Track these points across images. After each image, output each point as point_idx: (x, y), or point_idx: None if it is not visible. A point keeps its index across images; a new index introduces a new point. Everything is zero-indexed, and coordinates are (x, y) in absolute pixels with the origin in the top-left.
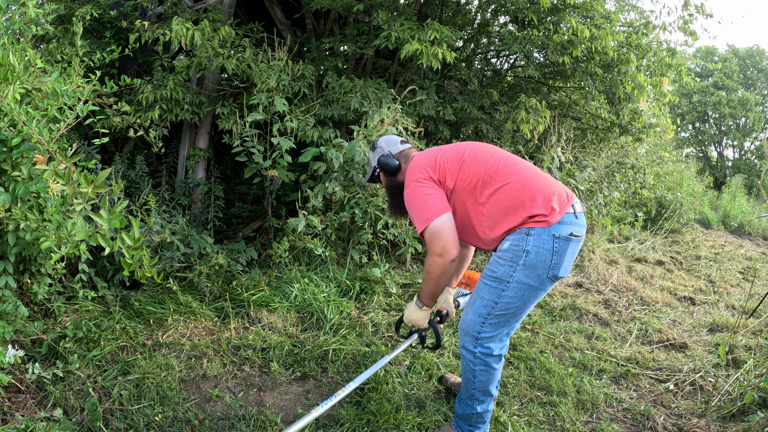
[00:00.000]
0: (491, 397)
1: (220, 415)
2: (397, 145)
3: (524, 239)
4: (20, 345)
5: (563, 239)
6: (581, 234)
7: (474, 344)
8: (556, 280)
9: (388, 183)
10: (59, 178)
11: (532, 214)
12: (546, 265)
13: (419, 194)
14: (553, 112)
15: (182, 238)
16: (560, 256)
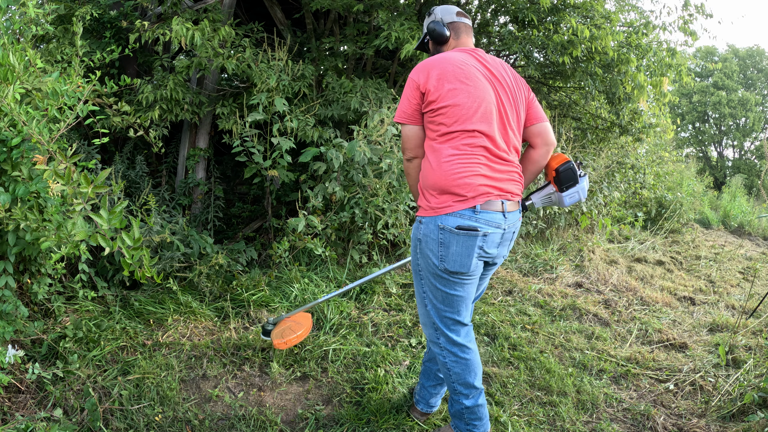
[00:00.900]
0: (476, 390)
1: (220, 415)
2: (453, 15)
3: (417, 227)
4: (20, 345)
5: (447, 231)
6: (482, 228)
7: (434, 336)
8: (455, 275)
9: (434, 53)
10: (59, 178)
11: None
12: (435, 256)
13: (405, 93)
14: (553, 112)
15: (182, 238)
16: (446, 248)
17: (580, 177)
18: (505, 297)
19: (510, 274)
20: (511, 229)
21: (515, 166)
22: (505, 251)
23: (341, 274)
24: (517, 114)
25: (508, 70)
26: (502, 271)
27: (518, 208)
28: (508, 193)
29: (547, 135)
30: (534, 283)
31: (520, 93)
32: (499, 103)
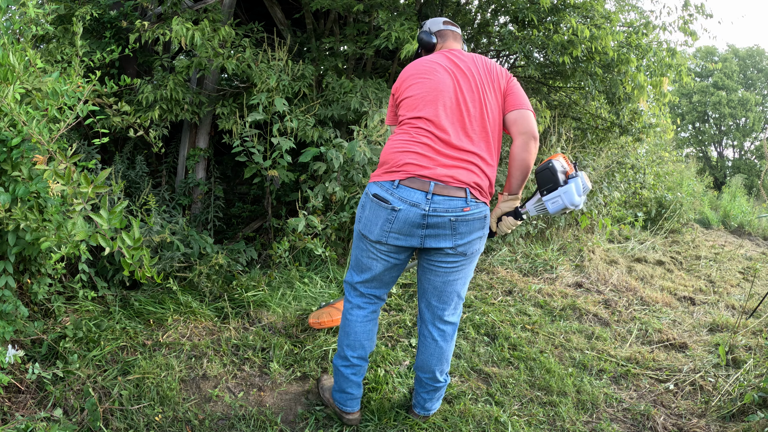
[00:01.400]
0: (343, 357)
1: (220, 415)
2: (440, 24)
3: (365, 192)
4: (20, 345)
5: (368, 196)
6: (392, 203)
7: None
8: (365, 239)
9: None
10: (59, 178)
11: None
12: (357, 217)
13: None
14: (553, 112)
15: (182, 238)
16: (363, 211)
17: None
18: (505, 297)
19: (510, 274)
20: (443, 216)
21: (473, 155)
22: (444, 242)
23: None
24: (482, 102)
25: (481, 62)
26: (502, 271)
27: (464, 197)
28: (448, 178)
29: (523, 122)
30: (534, 283)
31: (489, 82)
32: (458, 91)
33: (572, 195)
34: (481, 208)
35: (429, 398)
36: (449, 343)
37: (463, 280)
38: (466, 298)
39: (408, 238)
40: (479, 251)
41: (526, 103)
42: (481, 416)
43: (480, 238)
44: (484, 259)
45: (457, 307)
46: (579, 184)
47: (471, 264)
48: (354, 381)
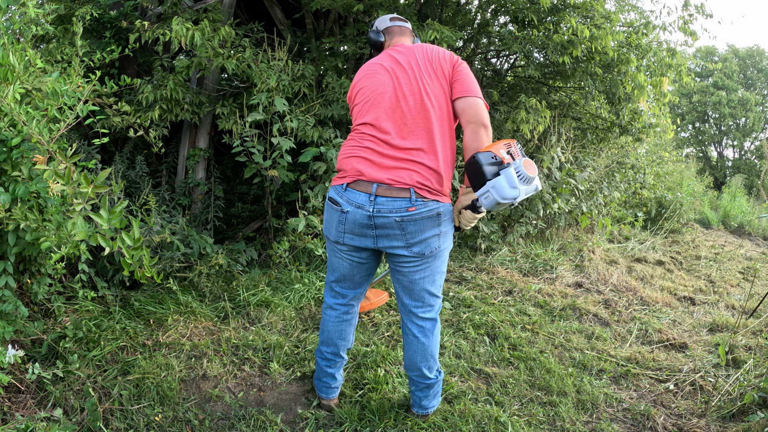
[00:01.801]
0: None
1: (220, 415)
2: (387, 21)
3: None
4: (20, 345)
5: (327, 200)
6: (341, 205)
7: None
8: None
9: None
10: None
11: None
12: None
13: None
14: (553, 112)
15: (182, 238)
16: (324, 212)
17: (501, 171)
18: (505, 297)
19: (510, 274)
20: (388, 216)
21: (415, 152)
22: (397, 243)
23: None
24: (421, 93)
25: (422, 51)
26: (502, 271)
27: (408, 197)
28: (391, 180)
29: (471, 111)
30: (534, 283)
31: (431, 70)
32: (396, 88)
33: (502, 188)
34: (431, 206)
35: (423, 396)
36: (430, 339)
37: (431, 278)
38: (466, 297)
39: (362, 238)
40: (442, 248)
41: (473, 90)
42: (481, 416)
43: (437, 236)
44: (484, 259)
45: (432, 304)
46: (511, 175)
47: (436, 262)
48: (328, 372)
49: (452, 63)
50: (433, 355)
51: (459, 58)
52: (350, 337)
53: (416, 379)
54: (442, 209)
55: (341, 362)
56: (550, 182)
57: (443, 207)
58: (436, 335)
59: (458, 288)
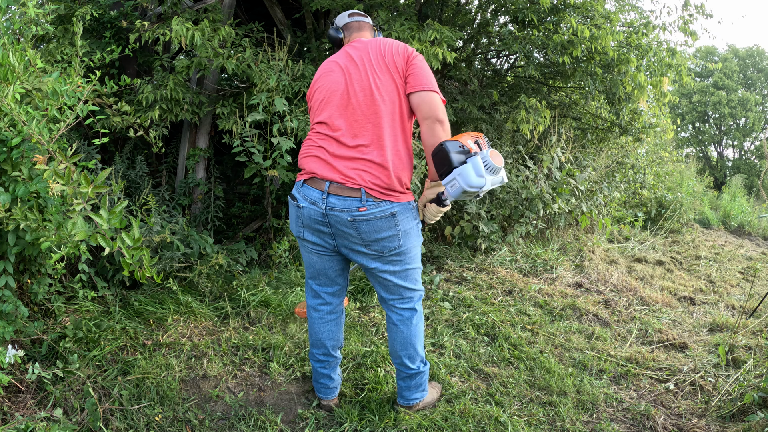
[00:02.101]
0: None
1: (220, 415)
2: (345, 17)
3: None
4: (20, 345)
5: (289, 196)
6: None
7: None
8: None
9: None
10: (59, 178)
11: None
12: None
13: None
14: (553, 112)
15: (182, 238)
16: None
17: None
18: (505, 297)
19: (510, 274)
20: (340, 215)
21: (366, 148)
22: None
23: None
24: (372, 88)
25: (376, 46)
26: (502, 271)
27: (359, 197)
28: (343, 179)
29: (425, 107)
30: (534, 283)
31: (383, 65)
32: (348, 85)
33: (468, 176)
34: (384, 207)
35: (406, 386)
36: (410, 328)
37: (402, 275)
38: (466, 297)
39: (320, 235)
40: (405, 247)
41: (427, 83)
42: (481, 416)
43: (395, 236)
44: (484, 259)
45: (410, 297)
46: (478, 164)
47: (404, 259)
48: (323, 373)
49: (406, 57)
50: (414, 344)
51: (414, 52)
52: (339, 336)
53: (399, 367)
54: (396, 209)
55: (335, 361)
56: (550, 182)
57: (398, 207)
58: (416, 325)
59: (458, 288)
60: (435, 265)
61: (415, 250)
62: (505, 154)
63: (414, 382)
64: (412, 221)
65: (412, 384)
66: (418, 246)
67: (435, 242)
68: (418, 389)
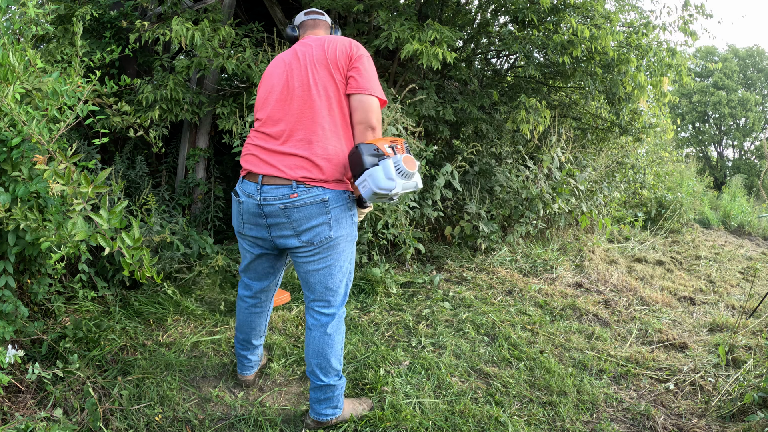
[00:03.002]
0: (235, 336)
1: (220, 415)
2: (302, 16)
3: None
4: (20, 345)
5: (232, 193)
6: (239, 196)
7: None
8: (237, 233)
9: None
10: (59, 178)
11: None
12: None
13: None
14: (553, 112)
15: (182, 238)
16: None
17: (379, 161)
18: (505, 297)
19: (510, 274)
20: (273, 204)
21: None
22: (283, 231)
23: None
24: (310, 84)
25: (318, 43)
26: (502, 271)
27: (289, 184)
28: (275, 170)
29: (361, 112)
30: (534, 283)
31: (324, 61)
32: (288, 82)
33: (378, 178)
34: (315, 192)
35: (315, 398)
36: (324, 337)
37: (327, 271)
38: (466, 297)
39: (258, 228)
40: (336, 238)
41: (367, 86)
42: (481, 416)
43: (326, 225)
44: (484, 259)
45: (329, 300)
46: (389, 167)
47: (332, 254)
48: (242, 354)
49: (349, 55)
50: (326, 355)
51: (359, 50)
52: (262, 327)
53: (310, 376)
54: (329, 196)
55: (254, 349)
56: (550, 182)
57: (330, 193)
58: (331, 335)
59: (458, 288)
60: (435, 265)
61: (346, 247)
62: (505, 154)
63: (324, 395)
64: (345, 212)
65: (322, 397)
66: (351, 245)
67: (435, 242)
68: (329, 404)
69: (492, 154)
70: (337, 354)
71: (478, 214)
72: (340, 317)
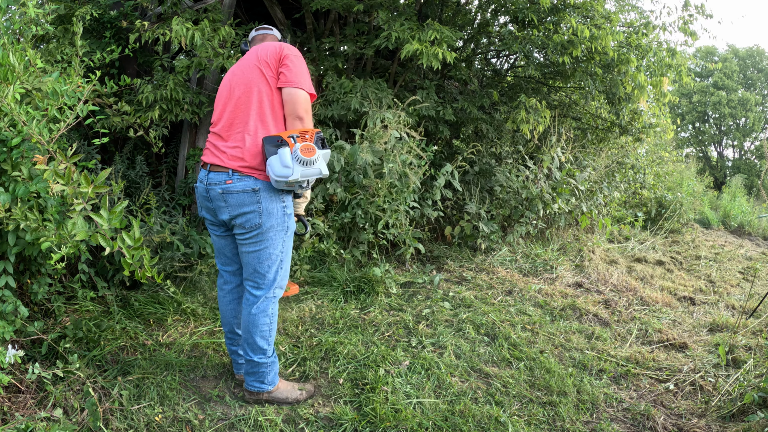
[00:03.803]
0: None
1: (220, 415)
2: (253, 32)
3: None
4: (20, 345)
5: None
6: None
7: None
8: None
9: None
10: (59, 178)
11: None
12: None
13: None
14: (553, 112)
15: (182, 238)
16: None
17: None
18: (505, 297)
19: (510, 274)
20: (214, 188)
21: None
22: (224, 215)
23: (341, 273)
24: (248, 84)
25: (257, 50)
26: (502, 271)
27: (227, 172)
28: (218, 159)
29: (289, 104)
30: (534, 283)
31: (258, 64)
32: (231, 86)
33: (274, 166)
34: (247, 181)
35: (246, 370)
36: (250, 317)
37: (257, 256)
38: (466, 297)
39: (211, 211)
40: (266, 227)
41: (294, 80)
42: (481, 416)
43: (256, 213)
44: (484, 259)
45: (258, 282)
46: (285, 155)
47: (263, 241)
48: (232, 350)
49: (278, 55)
50: (251, 332)
51: (288, 50)
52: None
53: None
54: (259, 186)
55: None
56: (550, 182)
57: (261, 184)
58: (255, 315)
59: (458, 288)
60: (435, 265)
61: (275, 237)
62: (505, 154)
63: (252, 369)
64: (278, 203)
65: (250, 370)
66: (282, 234)
67: (435, 242)
68: (257, 378)
69: (492, 154)
70: (264, 334)
71: (478, 214)
72: (267, 300)
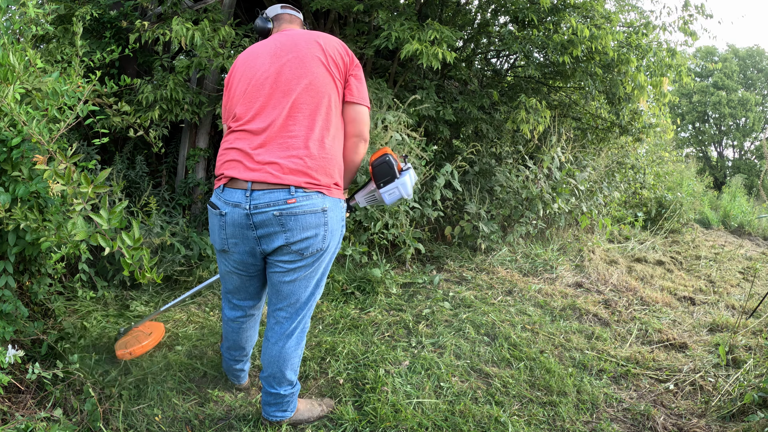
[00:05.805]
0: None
1: (220, 415)
2: (277, 9)
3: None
4: (20, 345)
5: (208, 205)
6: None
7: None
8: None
9: None
10: (59, 178)
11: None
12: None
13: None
14: (553, 112)
15: (182, 240)
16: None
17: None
18: (505, 297)
19: (510, 274)
20: (266, 211)
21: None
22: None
23: (340, 273)
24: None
25: (312, 38)
26: (502, 271)
27: (286, 188)
28: (267, 174)
29: (358, 124)
30: (534, 283)
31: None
32: (280, 76)
33: (407, 186)
34: (315, 200)
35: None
36: (283, 350)
37: (304, 284)
38: (466, 297)
39: (246, 241)
40: (325, 252)
41: (365, 97)
42: (481, 416)
43: (320, 237)
44: (484, 259)
45: (298, 313)
46: (413, 176)
47: (314, 267)
48: (238, 368)
49: (350, 57)
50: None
51: (354, 56)
52: (256, 335)
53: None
54: (327, 205)
55: (247, 358)
56: (550, 182)
57: (330, 201)
58: (290, 349)
59: (458, 288)
60: (435, 265)
61: (331, 258)
62: (505, 154)
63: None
64: (339, 222)
65: (272, 401)
66: (334, 257)
67: (435, 242)
68: (279, 408)
69: (492, 154)
70: (294, 366)
71: (478, 214)
72: (303, 331)
